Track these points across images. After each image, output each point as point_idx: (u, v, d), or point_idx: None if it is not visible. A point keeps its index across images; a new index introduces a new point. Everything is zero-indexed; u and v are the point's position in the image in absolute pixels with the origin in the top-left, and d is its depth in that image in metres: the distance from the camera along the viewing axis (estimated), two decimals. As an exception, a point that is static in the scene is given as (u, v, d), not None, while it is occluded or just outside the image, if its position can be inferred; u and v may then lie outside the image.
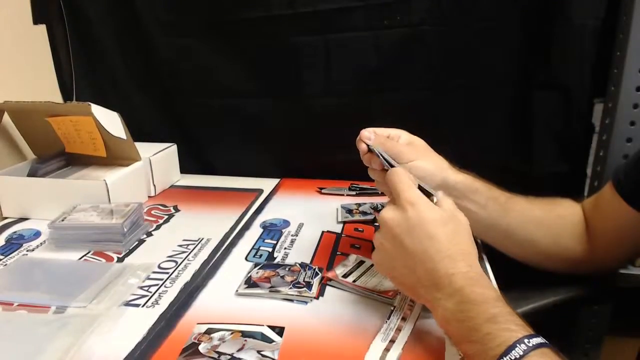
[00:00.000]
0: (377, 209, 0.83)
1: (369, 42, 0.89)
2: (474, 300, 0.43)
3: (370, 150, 0.59)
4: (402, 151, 0.59)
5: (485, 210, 0.62)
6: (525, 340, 0.38)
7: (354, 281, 0.60)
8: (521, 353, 0.38)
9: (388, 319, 0.52)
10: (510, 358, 0.38)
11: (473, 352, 0.42)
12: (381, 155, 0.57)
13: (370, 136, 0.60)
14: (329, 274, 0.61)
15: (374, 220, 0.79)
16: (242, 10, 0.90)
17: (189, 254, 0.69)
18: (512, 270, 0.64)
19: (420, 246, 0.47)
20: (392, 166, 0.56)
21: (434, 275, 0.46)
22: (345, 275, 0.61)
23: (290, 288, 0.58)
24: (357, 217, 0.80)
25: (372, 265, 0.62)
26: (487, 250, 0.69)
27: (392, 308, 0.54)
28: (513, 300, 0.60)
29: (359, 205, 0.85)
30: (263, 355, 0.47)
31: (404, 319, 0.52)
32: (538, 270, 0.66)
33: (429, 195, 0.51)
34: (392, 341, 0.49)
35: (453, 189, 0.59)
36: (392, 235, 0.49)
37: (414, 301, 0.54)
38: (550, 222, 0.65)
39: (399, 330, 0.51)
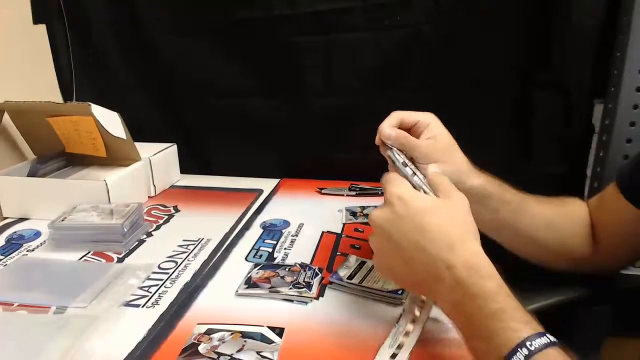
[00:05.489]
0: None
1: (370, 42, 0.89)
2: (476, 294, 0.41)
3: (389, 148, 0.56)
4: (420, 146, 0.56)
5: (498, 215, 0.61)
6: (528, 344, 0.37)
7: (360, 282, 0.60)
8: (522, 358, 0.36)
9: (397, 322, 0.51)
10: None
11: (481, 351, 0.41)
12: (396, 161, 0.54)
13: (391, 134, 0.56)
14: (332, 278, 0.61)
15: None
16: (242, 10, 0.91)
17: (189, 254, 0.69)
18: (512, 271, 0.63)
19: (412, 239, 0.45)
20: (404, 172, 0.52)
21: (432, 267, 0.44)
22: (350, 277, 0.61)
23: (290, 288, 0.58)
24: (361, 220, 0.80)
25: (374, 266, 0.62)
26: (487, 250, 0.68)
27: (401, 311, 0.52)
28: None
29: (363, 208, 0.84)
30: (262, 356, 0.47)
31: (413, 321, 0.50)
32: (541, 268, 0.66)
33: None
34: (400, 346, 0.48)
35: (467, 195, 0.54)
36: (384, 234, 0.47)
37: (423, 301, 0.51)
38: (558, 222, 0.64)
39: (406, 334, 0.49)
